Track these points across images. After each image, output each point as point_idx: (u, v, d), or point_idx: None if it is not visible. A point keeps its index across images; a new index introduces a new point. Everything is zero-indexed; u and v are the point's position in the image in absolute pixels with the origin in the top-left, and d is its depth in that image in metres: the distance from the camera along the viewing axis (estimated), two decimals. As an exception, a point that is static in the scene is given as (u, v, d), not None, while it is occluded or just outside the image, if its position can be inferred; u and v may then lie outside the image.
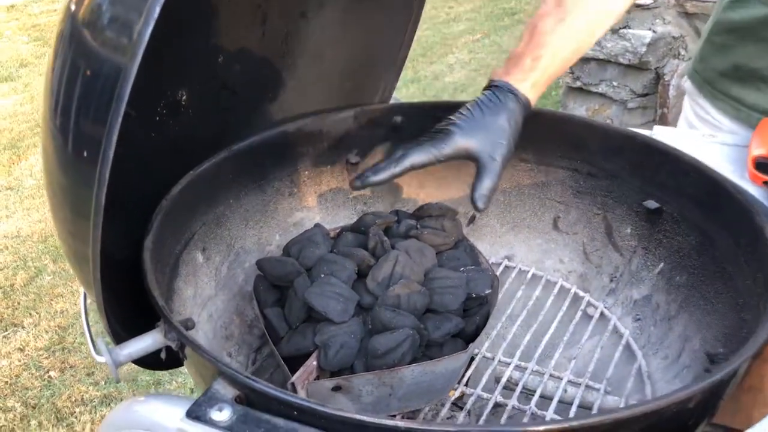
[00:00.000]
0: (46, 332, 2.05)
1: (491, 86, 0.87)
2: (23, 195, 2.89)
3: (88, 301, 0.75)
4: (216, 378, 0.58)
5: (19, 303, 2.16)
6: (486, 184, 0.82)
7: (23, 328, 2.07)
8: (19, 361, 1.94)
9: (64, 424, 1.71)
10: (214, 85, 0.94)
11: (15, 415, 1.75)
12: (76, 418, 1.73)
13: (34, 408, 1.77)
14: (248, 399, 0.57)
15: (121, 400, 1.76)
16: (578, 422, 0.51)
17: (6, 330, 2.05)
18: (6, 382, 1.85)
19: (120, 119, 0.47)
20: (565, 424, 0.52)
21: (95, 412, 1.74)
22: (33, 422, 1.72)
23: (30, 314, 2.12)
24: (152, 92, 0.84)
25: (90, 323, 0.70)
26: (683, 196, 0.90)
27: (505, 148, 0.83)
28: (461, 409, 0.88)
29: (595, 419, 0.53)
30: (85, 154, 0.51)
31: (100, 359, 0.60)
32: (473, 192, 0.82)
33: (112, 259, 0.79)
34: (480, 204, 0.81)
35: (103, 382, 1.85)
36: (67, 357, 1.94)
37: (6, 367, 1.91)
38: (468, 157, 0.84)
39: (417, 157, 0.83)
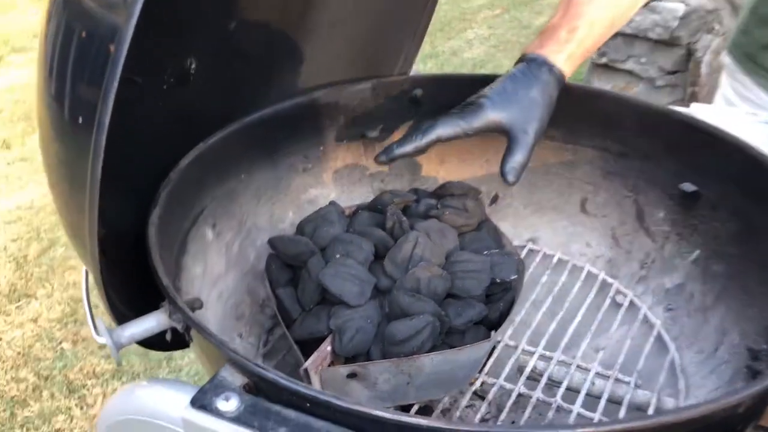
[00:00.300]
0: (59, 304, 2.04)
1: (524, 60, 0.82)
2: (37, 166, 2.87)
3: (91, 278, 0.71)
4: (223, 364, 0.54)
5: (32, 274, 2.15)
6: (517, 158, 0.77)
7: (36, 299, 2.06)
8: (32, 332, 1.93)
9: (76, 396, 1.70)
10: (225, 54, 0.89)
11: (27, 386, 1.74)
12: (87, 390, 1.72)
13: (46, 379, 1.76)
14: (257, 387, 0.53)
15: (133, 374, 1.74)
16: (624, 425, 0.46)
17: (19, 300, 2.04)
18: (19, 353, 1.85)
19: (116, 83, 0.42)
20: (615, 426, 0.47)
21: (107, 385, 1.72)
22: (45, 393, 1.71)
23: (43, 285, 2.11)
24: (159, 58, 0.79)
25: (95, 302, 0.66)
26: (724, 180, 0.84)
27: (538, 122, 0.78)
28: (482, 399, 0.84)
29: (643, 422, 0.48)
30: (80, 121, 0.47)
31: (101, 340, 0.56)
32: (503, 164, 0.77)
33: (117, 234, 0.75)
34: (510, 177, 0.77)
35: (114, 356, 1.83)
36: (80, 329, 1.93)
37: (19, 337, 1.90)
38: (498, 131, 0.79)
39: (444, 129, 0.79)
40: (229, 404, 0.50)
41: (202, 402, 0.50)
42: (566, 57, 0.81)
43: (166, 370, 1.74)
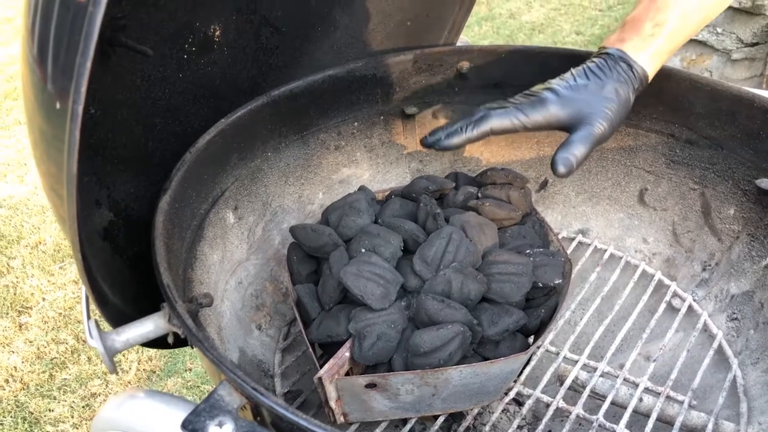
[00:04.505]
0: (101, 266, 2.05)
1: (601, 53, 0.72)
2: (86, 124, 2.88)
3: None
4: (221, 381, 0.48)
5: (64, 238, 2.16)
6: (575, 150, 0.68)
7: (79, 260, 2.08)
8: (74, 293, 1.94)
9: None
10: (253, 20, 0.82)
11: (67, 348, 1.75)
12: (123, 356, 1.73)
13: (84, 342, 1.77)
14: (256, 411, 0.47)
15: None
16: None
17: (63, 261, 2.06)
18: (60, 314, 1.86)
19: (92, 44, 0.35)
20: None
21: (142, 352, 1.72)
22: (83, 356, 1.72)
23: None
24: (178, 26, 0.72)
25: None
26: (810, 177, 0.74)
27: (607, 121, 0.69)
28: (518, 404, 0.77)
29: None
30: (59, 91, 0.40)
31: (93, 344, 0.51)
32: (557, 152, 0.68)
33: (130, 219, 0.70)
34: (561, 168, 0.67)
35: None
36: (120, 292, 1.93)
37: (60, 299, 1.92)
38: (561, 128, 0.71)
39: (499, 121, 0.71)
40: (222, 430, 0.44)
41: (194, 426, 0.44)
42: (651, 54, 0.70)
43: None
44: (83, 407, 1.58)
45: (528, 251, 0.72)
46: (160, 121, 0.75)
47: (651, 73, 0.71)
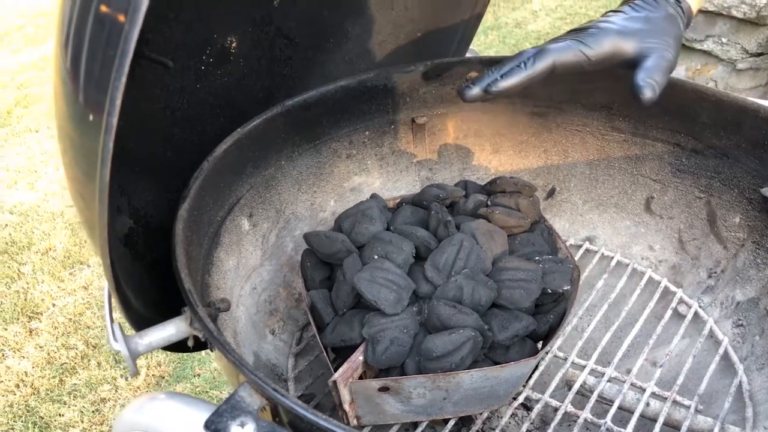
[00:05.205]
0: (110, 272, 2.06)
1: None
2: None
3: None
4: (242, 383, 0.50)
5: (85, 241, 2.18)
6: (654, 76, 0.63)
7: (89, 266, 2.09)
8: (83, 299, 1.96)
9: (121, 367, 1.72)
10: (268, 32, 0.84)
11: (77, 353, 1.77)
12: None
13: (94, 348, 1.79)
14: (276, 412, 0.49)
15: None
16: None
17: (72, 267, 2.08)
18: (70, 319, 1.88)
19: (128, 60, 0.37)
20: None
21: (151, 358, 1.74)
22: (93, 362, 1.74)
23: (95, 253, 2.14)
24: (197, 37, 0.75)
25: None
26: (814, 186, 0.75)
27: (672, 51, 0.65)
28: (527, 409, 0.79)
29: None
30: (92, 103, 0.42)
31: (116, 347, 0.53)
32: (636, 77, 0.63)
33: (149, 226, 0.72)
34: (648, 92, 0.62)
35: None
36: (129, 298, 1.95)
37: (70, 304, 1.94)
38: (626, 61, 0.66)
39: (562, 54, 0.64)
40: (244, 430, 0.46)
41: (216, 426, 0.46)
42: None
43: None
44: (93, 412, 1.60)
45: (537, 258, 0.74)
46: (178, 131, 0.77)
47: (695, 11, 0.69)
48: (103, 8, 0.41)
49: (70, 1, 0.44)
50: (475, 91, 0.66)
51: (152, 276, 0.67)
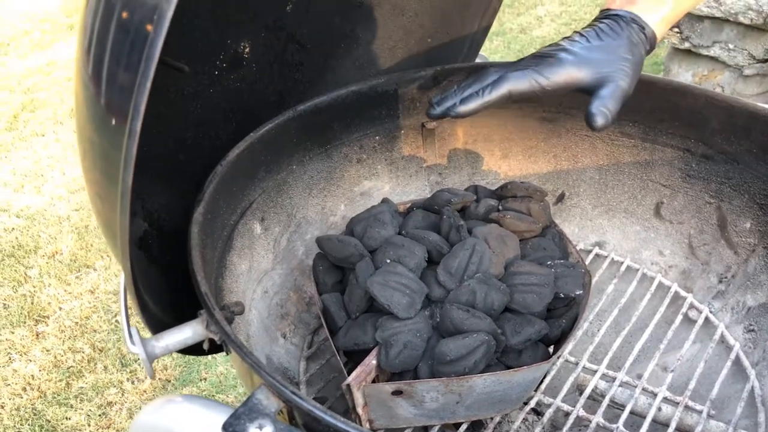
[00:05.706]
0: (116, 276, 2.07)
1: (610, 15, 0.70)
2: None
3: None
4: (259, 386, 0.50)
5: (92, 245, 2.19)
6: (608, 104, 0.65)
7: (95, 270, 2.10)
8: (90, 303, 1.97)
9: (128, 371, 1.72)
10: (280, 38, 0.85)
11: (83, 357, 1.77)
12: (139, 364, 1.74)
13: (101, 351, 1.79)
14: (292, 415, 0.49)
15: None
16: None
17: (79, 271, 2.08)
18: (76, 323, 1.89)
19: (153, 66, 0.38)
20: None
21: (157, 361, 1.74)
22: (99, 365, 1.75)
23: (102, 257, 2.15)
24: (211, 43, 0.75)
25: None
26: (825, 192, 0.75)
27: (629, 78, 0.66)
28: (537, 414, 0.79)
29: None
30: (115, 108, 0.42)
31: (134, 350, 0.53)
32: (590, 106, 0.65)
33: (162, 230, 0.72)
34: (600, 119, 0.64)
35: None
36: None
37: (77, 308, 1.94)
38: (580, 89, 0.68)
39: (517, 83, 0.67)
40: (263, 432, 0.46)
41: (235, 428, 0.46)
42: (660, 19, 0.69)
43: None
44: (99, 415, 1.60)
45: (549, 263, 0.74)
46: (191, 135, 0.77)
47: (659, 38, 0.71)
48: (125, 15, 0.41)
49: (93, 8, 0.45)
50: (438, 111, 0.69)
51: (167, 279, 0.67)
